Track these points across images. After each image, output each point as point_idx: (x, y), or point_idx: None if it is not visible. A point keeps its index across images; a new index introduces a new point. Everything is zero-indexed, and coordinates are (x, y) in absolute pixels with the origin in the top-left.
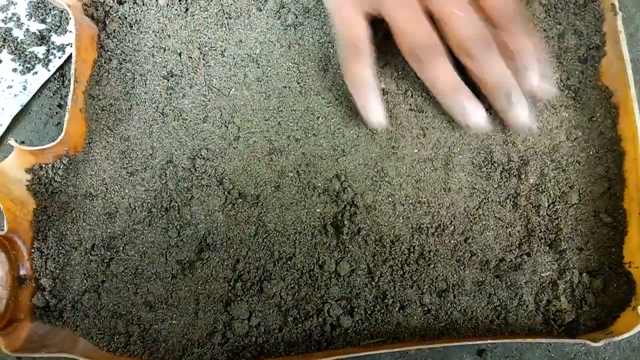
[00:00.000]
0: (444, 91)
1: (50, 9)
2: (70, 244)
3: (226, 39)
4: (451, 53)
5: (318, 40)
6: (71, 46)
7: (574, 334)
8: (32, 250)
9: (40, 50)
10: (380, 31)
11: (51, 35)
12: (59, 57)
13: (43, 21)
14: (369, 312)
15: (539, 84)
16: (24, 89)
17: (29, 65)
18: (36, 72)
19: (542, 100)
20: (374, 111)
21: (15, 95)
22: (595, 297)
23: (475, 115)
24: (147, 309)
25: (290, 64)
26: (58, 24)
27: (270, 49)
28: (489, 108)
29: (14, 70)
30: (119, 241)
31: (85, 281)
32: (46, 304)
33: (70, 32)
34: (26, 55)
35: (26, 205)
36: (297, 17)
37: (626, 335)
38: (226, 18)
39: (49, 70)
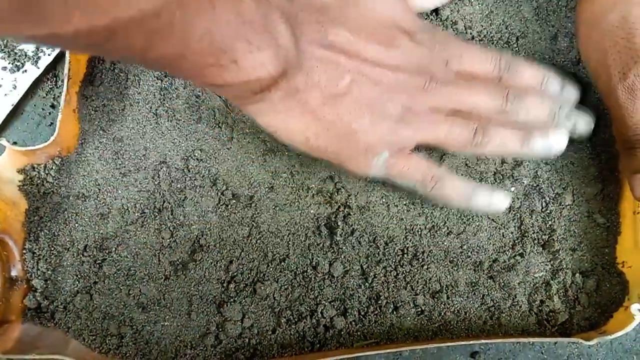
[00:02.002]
0: (519, 146)
1: None
2: (63, 244)
3: None
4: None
5: None
6: None
7: (567, 334)
8: (24, 251)
9: (29, 48)
10: None
11: None
12: (49, 55)
13: None
14: (362, 313)
15: (577, 90)
16: (14, 88)
17: (18, 64)
18: (26, 71)
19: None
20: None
21: (5, 94)
22: (589, 297)
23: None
24: (140, 311)
25: None
26: None
27: None
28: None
29: (4, 68)
30: (111, 242)
31: (77, 282)
32: (38, 305)
33: None
34: (15, 53)
35: (18, 205)
36: None
37: (619, 333)
38: None
39: (38, 68)
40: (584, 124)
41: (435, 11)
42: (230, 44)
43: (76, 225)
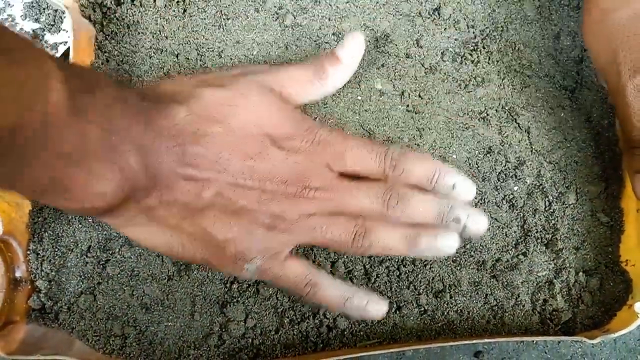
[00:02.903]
0: (405, 247)
1: (44, 8)
2: (66, 245)
3: (223, 40)
4: None
5: (315, 41)
6: (64, 44)
7: (570, 333)
8: (28, 252)
9: None
10: (378, 32)
11: (45, 34)
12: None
13: (37, 20)
14: None
15: (471, 190)
16: None
17: None
18: None
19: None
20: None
21: None
22: (592, 295)
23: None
24: (143, 311)
25: None
26: (52, 23)
27: (267, 50)
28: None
29: None
30: (115, 243)
31: (81, 283)
32: (42, 306)
33: (63, 30)
34: None
35: (22, 207)
36: (295, 18)
37: (623, 332)
38: (224, 19)
39: None
40: (475, 225)
41: (437, 10)
42: (67, 174)
43: (80, 226)
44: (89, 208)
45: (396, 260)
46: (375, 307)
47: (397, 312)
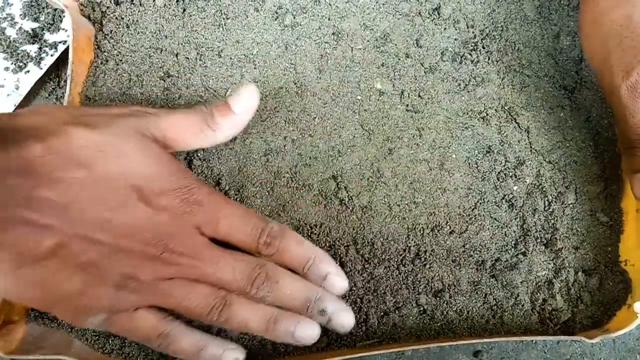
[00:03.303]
0: (263, 328)
1: (43, 7)
2: None
3: (223, 40)
4: None
5: (315, 41)
6: (64, 44)
7: (570, 333)
8: None
9: (32, 49)
10: (378, 32)
11: (44, 33)
12: (51, 55)
13: (36, 19)
14: (365, 312)
15: (343, 284)
16: (17, 88)
17: (21, 64)
18: (28, 71)
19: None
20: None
21: (8, 94)
22: (591, 295)
23: (308, 331)
24: None
25: (287, 65)
26: (51, 22)
27: (267, 50)
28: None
29: (6, 69)
30: None
31: None
32: None
33: (63, 29)
34: (18, 54)
35: None
36: (294, 17)
37: (621, 332)
38: (223, 18)
39: (41, 69)
40: (340, 321)
41: (437, 10)
42: None
43: None
44: None
45: (396, 260)
46: (232, 356)
47: (397, 311)
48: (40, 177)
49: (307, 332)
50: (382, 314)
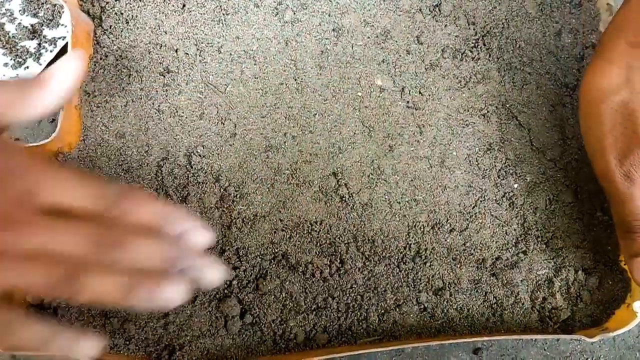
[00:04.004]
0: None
1: (42, 3)
2: None
3: (223, 35)
4: None
5: (315, 37)
6: (63, 39)
7: (569, 331)
8: None
9: (31, 45)
10: (378, 28)
11: (43, 29)
12: (51, 51)
13: (35, 15)
14: (365, 309)
15: (204, 238)
16: None
17: (20, 60)
18: (27, 67)
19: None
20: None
21: None
22: (591, 294)
23: (169, 291)
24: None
25: (287, 61)
26: (50, 18)
27: (267, 46)
28: None
29: (5, 65)
30: None
31: None
32: (41, 302)
33: (62, 25)
34: (17, 49)
35: None
36: (294, 13)
37: (621, 331)
38: (223, 14)
39: (40, 65)
40: (206, 279)
41: (438, 7)
42: None
43: None
44: None
45: (396, 257)
46: (88, 347)
47: (397, 309)
48: None
49: (171, 295)
50: (382, 311)
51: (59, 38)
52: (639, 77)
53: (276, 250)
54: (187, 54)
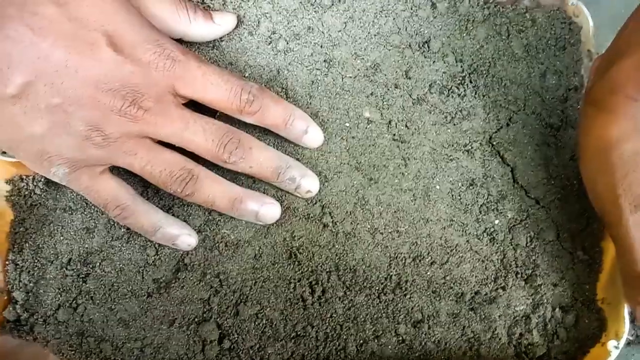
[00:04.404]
0: (229, 207)
1: None
2: (46, 257)
3: (217, 61)
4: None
5: (306, 67)
6: None
7: None
8: (7, 262)
9: None
10: (368, 62)
11: None
12: None
13: None
14: (344, 339)
15: (321, 137)
16: None
17: None
18: None
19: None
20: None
21: None
22: (567, 331)
23: (270, 212)
24: (121, 327)
25: (278, 89)
26: None
27: (259, 73)
28: None
29: None
30: (96, 257)
31: (59, 296)
32: (17, 318)
33: None
34: None
35: (3, 216)
36: (287, 43)
37: None
38: (218, 41)
39: None
40: (307, 186)
41: (427, 43)
42: None
43: (61, 238)
44: None
45: (377, 288)
46: (186, 241)
47: (376, 340)
48: (13, 7)
49: (270, 213)
50: (361, 342)
51: None
52: None
53: (257, 276)
54: None
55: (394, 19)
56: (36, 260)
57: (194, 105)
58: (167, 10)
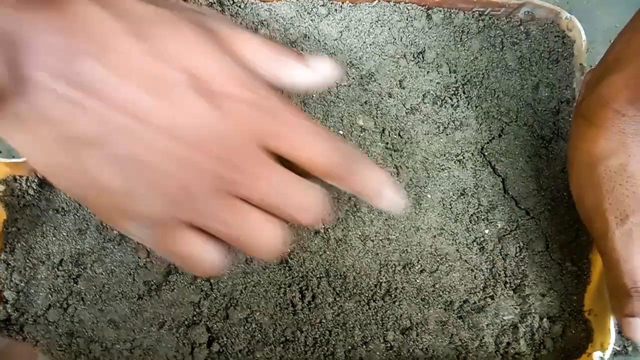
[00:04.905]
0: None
1: None
2: (38, 257)
3: None
4: None
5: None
6: None
7: None
8: None
9: None
10: (363, 70)
11: None
12: None
13: None
14: (332, 344)
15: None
16: None
17: None
18: None
19: None
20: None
21: None
22: (554, 342)
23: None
24: (111, 329)
25: None
26: None
27: None
28: None
29: None
30: (87, 258)
31: (50, 296)
32: (7, 317)
33: None
34: None
35: None
36: None
37: None
38: None
39: None
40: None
41: (422, 54)
42: None
43: (53, 239)
44: None
45: (367, 295)
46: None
47: (364, 346)
48: (87, 41)
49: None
50: (349, 347)
51: None
52: (633, 140)
53: (248, 280)
54: None
55: (389, 29)
56: (28, 261)
57: None
58: (261, 53)
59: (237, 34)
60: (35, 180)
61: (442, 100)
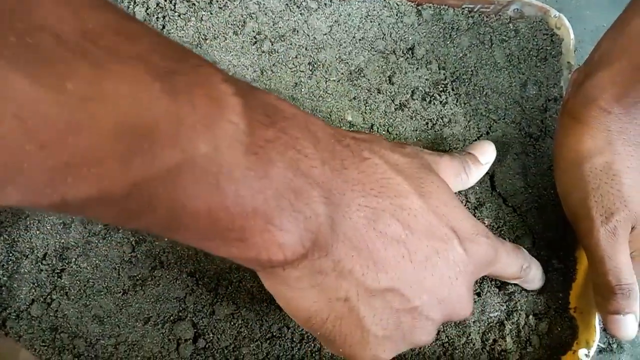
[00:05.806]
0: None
1: None
2: (21, 251)
3: None
4: None
5: (290, 69)
6: None
7: None
8: None
9: None
10: (352, 66)
11: None
12: None
13: None
14: (318, 341)
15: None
16: None
17: None
18: None
19: None
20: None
21: None
22: (540, 339)
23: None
24: (95, 324)
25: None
26: None
27: (243, 73)
28: None
29: None
30: (72, 252)
31: (33, 291)
32: None
33: None
34: None
35: None
36: (272, 44)
37: None
38: (202, 39)
39: None
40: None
41: (411, 50)
42: (241, 221)
43: (37, 232)
44: (265, 260)
45: None
46: None
47: None
48: (389, 201)
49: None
50: None
51: None
52: (618, 138)
53: (234, 276)
54: None
55: (379, 24)
56: (11, 254)
57: None
58: (452, 173)
59: (438, 159)
60: None
61: (430, 97)
